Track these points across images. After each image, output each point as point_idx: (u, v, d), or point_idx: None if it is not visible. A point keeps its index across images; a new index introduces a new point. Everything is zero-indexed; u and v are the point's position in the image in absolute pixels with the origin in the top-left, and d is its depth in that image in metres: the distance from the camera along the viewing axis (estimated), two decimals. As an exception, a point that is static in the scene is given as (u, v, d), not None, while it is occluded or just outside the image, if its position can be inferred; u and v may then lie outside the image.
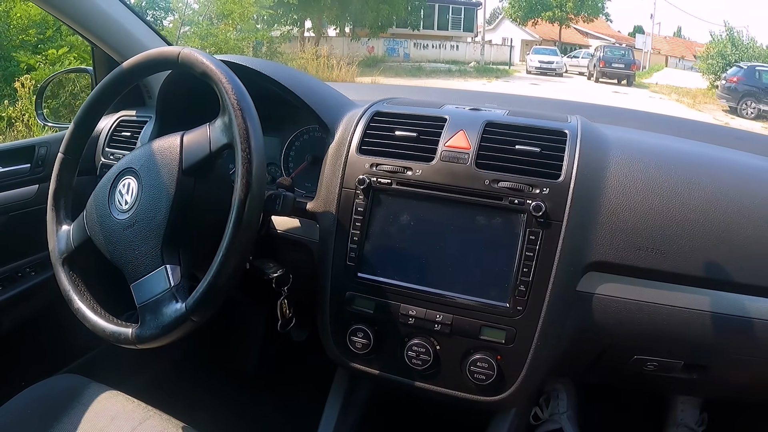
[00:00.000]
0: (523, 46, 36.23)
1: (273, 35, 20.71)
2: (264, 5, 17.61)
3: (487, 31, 34.80)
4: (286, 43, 22.60)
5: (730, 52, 22.82)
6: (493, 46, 34.60)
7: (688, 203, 1.13)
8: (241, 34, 16.40)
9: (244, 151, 0.99)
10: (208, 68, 1.07)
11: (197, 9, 16.92)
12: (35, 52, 10.04)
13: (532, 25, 35.74)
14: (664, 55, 36.70)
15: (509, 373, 1.15)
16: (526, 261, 1.11)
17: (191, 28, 15.97)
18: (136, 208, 1.12)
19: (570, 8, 33.09)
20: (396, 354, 1.22)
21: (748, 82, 17.00)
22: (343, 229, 1.23)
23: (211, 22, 16.58)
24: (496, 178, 1.15)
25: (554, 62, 27.78)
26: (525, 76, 27.02)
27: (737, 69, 18.11)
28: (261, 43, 18.11)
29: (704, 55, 24.71)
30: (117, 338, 1.09)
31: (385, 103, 1.40)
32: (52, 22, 9.94)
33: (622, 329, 1.16)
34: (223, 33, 15.76)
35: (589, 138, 1.21)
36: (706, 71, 23.56)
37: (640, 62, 29.29)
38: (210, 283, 0.98)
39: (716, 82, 20.77)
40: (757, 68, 17.52)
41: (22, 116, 7.52)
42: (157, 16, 18.09)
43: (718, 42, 23.85)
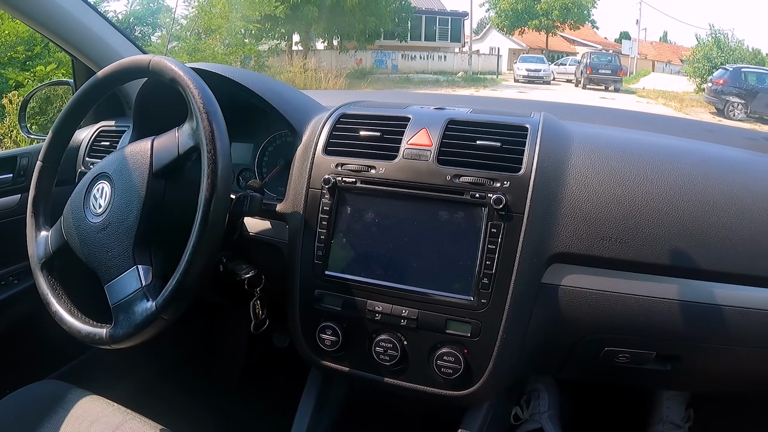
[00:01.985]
0: (510, 55, 36.41)
1: (261, 49, 20.67)
2: (251, 19, 17.57)
3: (474, 41, 34.98)
4: (274, 56, 22.61)
5: (716, 54, 22.93)
6: (481, 56, 34.76)
7: (652, 192, 1.15)
8: (228, 49, 16.38)
9: (209, 152, 1.01)
10: (177, 74, 1.09)
11: (185, 24, 16.89)
12: (23, 68, 10.02)
13: (518, 34, 35.96)
14: (651, 60, 36.91)
15: (476, 367, 1.16)
16: (488, 254, 1.12)
17: (179, 44, 15.94)
18: (109, 211, 1.14)
19: (556, 16, 33.29)
20: (364, 350, 1.23)
21: (735, 84, 17.09)
22: (311, 228, 1.25)
23: (198, 37, 16.56)
24: (458, 173, 1.16)
25: (541, 70, 27.90)
26: (513, 84, 27.11)
27: (723, 71, 18.22)
28: (249, 57, 18.09)
29: (690, 59, 24.82)
30: (92, 339, 1.10)
31: (351, 105, 1.42)
32: (40, 39, 9.92)
33: (589, 320, 1.17)
34: (211, 48, 15.74)
35: (550, 132, 1.23)
36: (693, 75, 23.66)
37: (627, 68, 29.45)
38: (178, 281, 1.00)
39: (703, 85, 20.84)
40: (742, 70, 17.65)
41: (10, 132, 7.48)
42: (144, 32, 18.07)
43: (703, 45, 23.97)
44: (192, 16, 16.82)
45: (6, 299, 1.75)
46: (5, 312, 1.77)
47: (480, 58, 34.06)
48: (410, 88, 23.04)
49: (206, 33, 16.57)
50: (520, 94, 21.61)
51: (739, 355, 1.24)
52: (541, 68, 28.15)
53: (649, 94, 23.57)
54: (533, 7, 33.67)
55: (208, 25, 16.26)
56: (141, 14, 17.76)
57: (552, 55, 35.39)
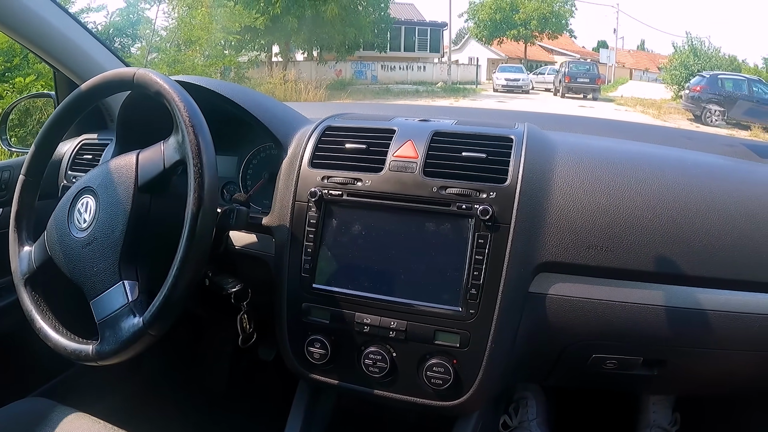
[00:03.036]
0: (489, 65, 36.59)
1: (241, 61, 20.61)
2: (231, 31, 17.52)
3: (453, 51, 35.13)
4: (254, 68, 22.53)
5: (692, 62, 23.21)
6: (460, 66, 34.88)
7: (635, 200, 1.16)
8: (208, 60, 16.33)
9: (195, 166, 1.00)
10: (162, 87, 1.09)
11: (165, 36, 16.82)
12: (2, 80, 9.92)
13: (497, 44, 36.16)
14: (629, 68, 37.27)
15: (466, 377, 1.16)
16: (476, 265, 1.13)
17: (159, 55, 15.86)
18: (94, 226, 1.13)
19: (534, 26, 33.54)
20: (353, 363, 1.22)
21: (712, 91, 17.28)
22: (297, 241, 1.25)
23: (178, 48, 16.49)
24: (444, 184, 1.17)
25: (520, 79, 28.03)
26: (492, 94, 27.19)
27: (700, 78, 18.43)
28: (229, 68, 18.04)
29: (668, 67, 25.14)
30: (78, 356, 1.09)
31: (336, 118, 1.42)
32: (19, 50, 9.80)
33: (577, 328, 1.17)
34: (191, 59, 15.67)
35: (535, 142, 1.24)
36: (670, 82, 23.94)
37: (605, 76, 29.66)
38: (165, 296, 0.99)
39: (680, 93, 21.05)
40: (719, 76, 17.85)
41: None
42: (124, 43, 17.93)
43: (680, 53, 24.23)
44: (172, 28, 16.75)
45: None
46: (-11, 328, 1.74)
47: (459, 68, 34.17)
48: (390, 98, 23.06)
49: (186, 44, 16.50)
50: (499, 103, 21.74)
51: (723, 358, 1.25)
52: (520, 78, 28.29)
53: (628, 102, 23.76)
54: (512, 17, 33.88)
55: (188, 37, 16.20)
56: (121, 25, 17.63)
57: (531, 64, 35.60)
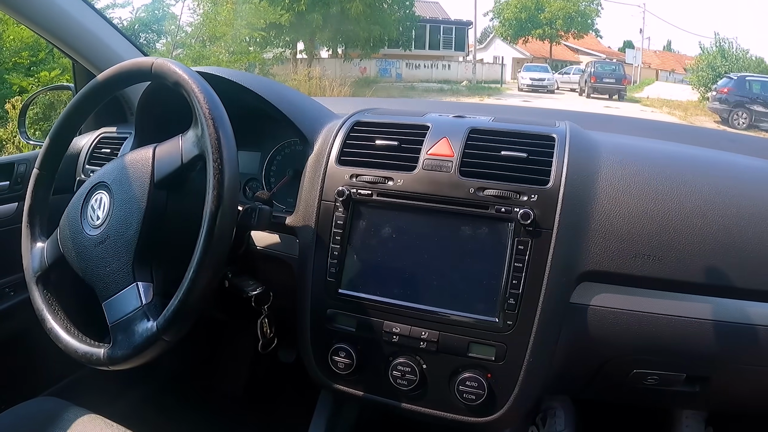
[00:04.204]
0: (514, 64, 36.47)
1: (265, 57, 20.82)
2: (256, 27, 17.66)
3: (478, 50, 35.05)
4: (278, 64, 22.75)
5: (720, 63, 23.02)
6: (485, 65, 34.84)
7: (685, 206, 1.09)
8: (233, 57, 16.45)
9: (215, 161, 0.95)
10: (181, 78, 1.03)
11: (190, 32, 16.98)
12: (28, 74, 10.10)
13: (522, 43, 36.05)
14: (655, 69, 36.98)
15: (500, 392, 1.10)
16: (515, 273, 1.07)
17: (183, 51, 16.03)
18: (107, 223, 1.08)
19: (560, 25, 33.41)
20: (380, 374, 1.17)
21: (739, 93, 17.14)
22: (323, 243, 1.19)
23: (203, 44, 16.65)
24: (482, 185, 1.10)
25: (545, 79, 27.93)
26: (517, 93, 27.16)
27: (727, 80, 18.28)
28: (253, 65, 18.16)
29: (694, 68, 24.94)
30: (89, 359, 1.04)
31: (366, 113, 1.36)
32: (44, 44, 10.00)
33: (619, 342, 1.10)
34: (216, 55, 15.83)
35: (578, 142, 1.17)
36: (697, 83, 23.74)
37: (631, 77, 29.55)
38: (181, 300, 0.94)
39: (707, 94, 20.90)
40: (747, 78, 17.69)
41: (12, 138, 7.53)
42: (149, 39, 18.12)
43: (707, 54, 24.04)
44: (197, 24, 16.93)
45: (2, 311, 1.70)
46: (1, 325, 1.73)
47: (484, 67, 34.12)
48: (414, 96, 23.11)
49: (211, 40, 16.66)
50: (524, 103, 21.66)
51: None
52: (545, 77, 28.18)
53: (654, 103, 23.63)
54: (537, 16, 33.81)
55: (213, 33, 16.35)
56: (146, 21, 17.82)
57: (556, 64, 35.49)
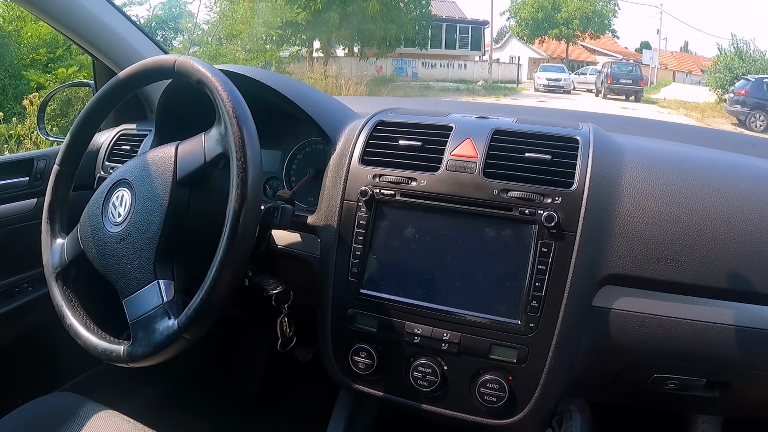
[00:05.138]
0: (530, 64, 36.43)
1: (282, 55, 20.84)
2: (272, 25, 17.71)
3: (494, 50, 34.98)
4: (294, 63, 22.76)
5: (737, 65, 22.80)
6: (501, 65, 34.78)
7: (709, 211, 1.07)
8: (249, 55, 16.50)
9: (239, 160, 0.94)
10: (204, 75, 1.03)
11: (206, 30, 17.07)
12: (45, 71, 10.16)
13: (539, 43, 35.99)
14: (672, 70, 36.83)
15: (521, 395, 1.09)
16: (538, 275, 1.05)
17: (200, 49, 16.09)
18: (129, 220, 1.08)
19: (576, 25, 33.30)
20: (401, 375, 1.16)
21: (756, 95, 16.95)
22: (345, 243, 1.18)
23: (220, 42, 16.72)
24: (505, 187, 1.09)
25: (562, 79, 27.85)
26: (533, 93, 27.10)
27: (745, 82, 18.09)
28: (270, 63, 18.18)
29: (711, 69, 24.74)
30: (108, 356, 1.04)
31: (388, 112, 1.35)
32: (62, 41, 10.06)
33: (641, 346, 1.09)
34: (232, 53, 15.88)
35: (602, 145, 1.16)
36: (714, 85, 23.55)
37: (648, 78, 29.37)
38: (203, 299, 0.93)
39: (724, 96, 20.72)
40: (764, 80, 17.48)
41: (30, 134, 7.57)
42: (166, 37, 18.24)
43: (725, 56, 23.84)
44: (214, 22, 17.01)
45: (20, 307, 1.71)
46: (19, 320, 1.73)
47: (500, 67, 34.04)
48: (430, 96, 23.06)
49: (228, 38, 16.73)
50: (540, 103, 21.57)
51: None
52: (561, 77, 28.10)
53: (670, 105, 23.51)
54: (554, 16, 33.71)
55: (230, 31, 16.42)
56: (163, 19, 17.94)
57: (572, 64, 35.38)
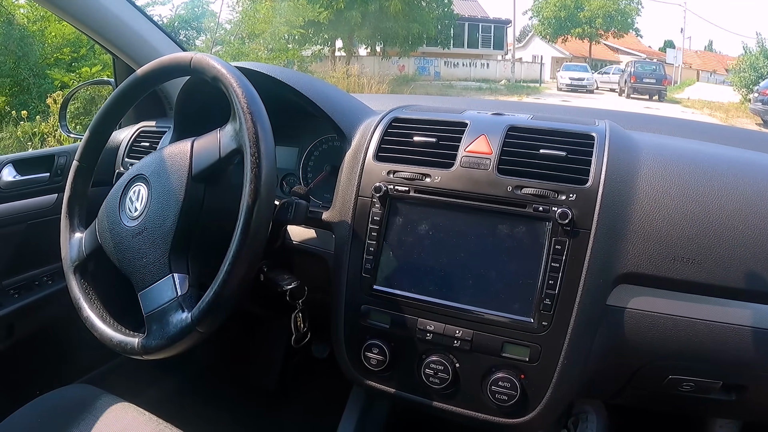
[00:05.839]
0: (553, 63, 36.23)
1: (304, 54, 20.88)
2: (295, 25, 17.75)
3: (517, 49, 34.89)
4: (317, 62, 22.79)
5: (762, 64, 22.45)
6: (524, 64, 34.62)
7: (727, 209, 1.05)
8: (272, 54, 16.56)
9: (253, 155, 0.95)
10: (219, 72, 1.04)
11: (229, 29, 17.15)
12: (69, 70, 10.27)
13: (561, 42, 35.79)
14: (696, 69, 36.45)
15: (533, 394, 1.08)
16: (551, 273, 1.05)
17: (223, 48, 16.17)
18: (145, 215, 1.09)
19: (599, 24, 33.08)
20: (413, 371, 1.16)
21: (782, 95, 16.67)
22: (359, 239, 1.18)
23: (242, 41, 16.80)
24: (520, 184, 1.08)
25: (585, 78, 27.61)
26: (556, 93, 26.91)
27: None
28: (292, 62, 18.23)
29: (736, 69, 24.38)
30: (123, 348, 1.06)
31: (404, 109, 1.35)
32: (86, 41, 10.16)
33: (656, 347, 1.08)
34: (255, 52, 15.96)
35: (618, 142, 1.15)
36: (738, 85, 23.20)
37: (672, 77, 29.11)
38: (216, 293, 0.94)
39: (749, 96, 20.45)
40: (790, 80, 17.21)
41: (54, 131, 7.67)
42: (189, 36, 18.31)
43: (750, 55, 23.54)
44: (236, 21, 17.10)
45: (39, 300, 1.74)
46: (38, 313, 1.76)
47: (523, 66, 33.91)
48: (453, 95, 22.98)
49: (250, 38, 16.80)
50: (563, 102, 21.39)
51: None
52: (585, 77, 27.86)
53: (694, 104, 23.23)
54: (576, 15, 33.52)
55: (252, 30, 16.49)
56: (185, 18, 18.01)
57: (595, 63, 35.17)
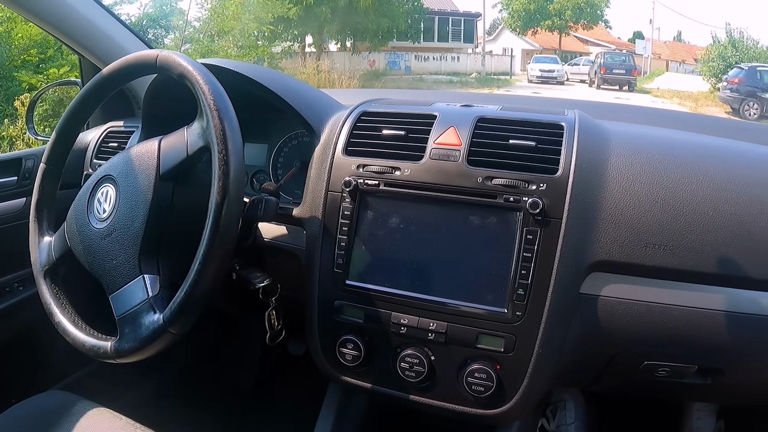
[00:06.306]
0: (523, 56, 36.27)
1: (274, 51, 20.81)
2: (264, 21, 17.65)
3: (487, 42, 34.87)
4: (287, 58, 22.72)
5: (730, 54, 22.80)
6: (494, 57, 34.67)
7: (697, 195, 1.06)
8: (241, 51, 16.49)
9: (220, 153, 0.94)
10: (185, 69, 1.02)
11: (198, 27, 17.04)
12: (37, 71, 10.16)
13: (531, 35, 35.82)
14: (665, 59, 36.70)
15: (510, 384, 1.08)
16: (524, 263, 1.05)
17: (192, 46, 16.06)
18: (114, 216, 1.07)
19: (569, 16, 33.17)
20: (388, 366, 1.15)
21: (750, 83, 17.00)
22: (330, 234, 1.18)
23: (211, 39, 16.70)
24: (490, 174, 1.08)
25: (555, 70, 27.73)
26: (527, 85, 27.01)
27: (738, 70, 18.13)
28: (262, 59, 18.16)
29: (705, 58, 24.74)
30: (96, 353, 1.04)
31: (372, 103, 1.35)
32: (53, 42, 10.05)
33: (630, 333, 1.08)
34: (224, 50, 15.87)
35: (587, 130, 1.15)
36: (707, 74, 23.54)
37: (641, 67, 29.28)
38: (187, 293, 0.93)
39: (718, 85, 20.74)
40: (758, 69, 17.52)
41: (22, 135, 7.60)
42: (158, 35, 18.18)
43: (718, 44, 23.85)
44: (205, 19, 16.99)
45: (11, 306, 1.71)
46: (10, 319, 1.73)
47: (493, 59, 33.97)
48: (424, 89, 23.01)
49: (219, 35, 16.71)
50: (534, 94, 21.54)
51: None
52: (555, 68, 27.97)
53: (664, 94, 23.46)
54: (546, 7, 33.59)
55: (221, 27, 16.40)
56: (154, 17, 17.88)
57: (565, 55, 35.27)
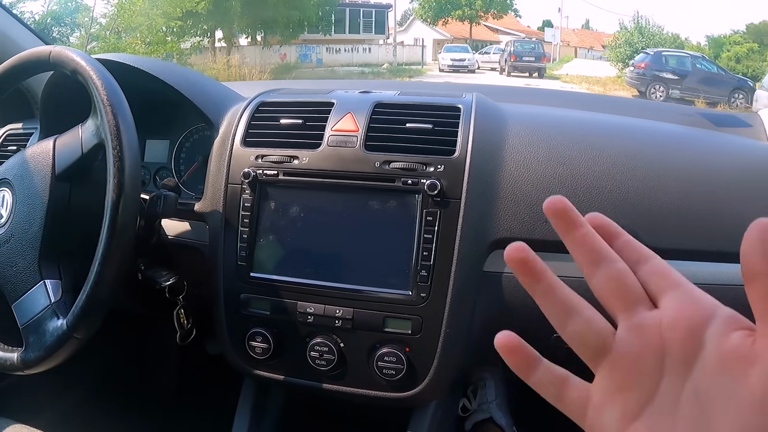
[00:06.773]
0: (434, 46, 36.59)
1: (183, 47, 20.36)
2: (172, 16, 17.30)
3: (398, 33, 35.03)
4: (197, 54, 22.26)
5: (637, 40, 23.62)
6: (406, 47, 34.84)
7: (594, 170, 1.09)
8: (149, 48, 16.11)
9: (115, 149, 0.92)
10: (78, 65, 1.00)
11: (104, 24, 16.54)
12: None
13: (442, 25, 36.21)
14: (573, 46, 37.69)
15: (420, 366, 1.09)
16: (425, 244, 1.06)
17: (98, 44, 15.59)
18: (11, 221, 1.04)
19: (479, 6, 33.69)
20: (299, 356, 1.15)
21: (655, 67, 17.61)
22: (232, 227, 1.17)
23: (119, 36, 16.26)
24: (387, 159, 1.09)
25: (466, 59, 28.06)
26: (438, 74, 27.21)
27: (645, 55, 18.76)
28: (171, 55, 17.76)
29: (612, 45, 25.56)
30: (3, 365, 1.00)
31: (271, 93, 1.34)
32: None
33: (534, 308, 1.09)
34: (132, 47, 15.47)
35: (484, 112, 1.17)
36: (615, 60, 24.35)
37: (550, 55, 30.03)
38: (88, 295, 0.91)
39: (625, 70, 21.42)
40: (663, 53, 18.23)
41: None
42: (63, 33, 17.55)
43: (625, 32, 24.65)
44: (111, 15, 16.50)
45: None
46: None
47: (405, 50, 34.15)
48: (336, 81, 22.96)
49: (126, 32, 16.29)
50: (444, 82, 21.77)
51: None
52: (466, 57, 28.28)
53: (573, 80, 24.01)
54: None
55: (128, 24, 15.99)
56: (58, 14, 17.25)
57: (476, 44, 35.75)
